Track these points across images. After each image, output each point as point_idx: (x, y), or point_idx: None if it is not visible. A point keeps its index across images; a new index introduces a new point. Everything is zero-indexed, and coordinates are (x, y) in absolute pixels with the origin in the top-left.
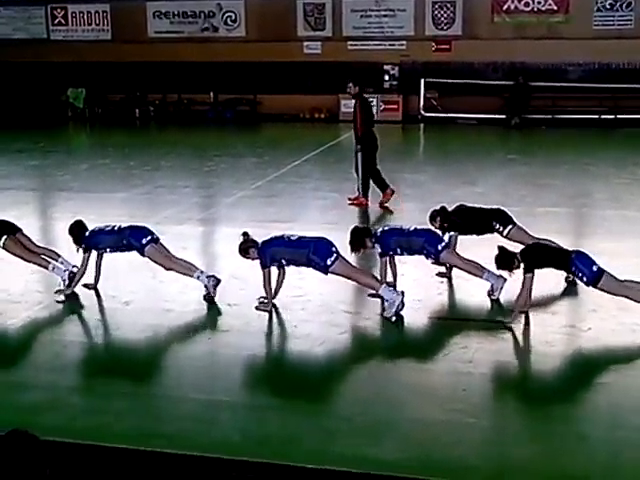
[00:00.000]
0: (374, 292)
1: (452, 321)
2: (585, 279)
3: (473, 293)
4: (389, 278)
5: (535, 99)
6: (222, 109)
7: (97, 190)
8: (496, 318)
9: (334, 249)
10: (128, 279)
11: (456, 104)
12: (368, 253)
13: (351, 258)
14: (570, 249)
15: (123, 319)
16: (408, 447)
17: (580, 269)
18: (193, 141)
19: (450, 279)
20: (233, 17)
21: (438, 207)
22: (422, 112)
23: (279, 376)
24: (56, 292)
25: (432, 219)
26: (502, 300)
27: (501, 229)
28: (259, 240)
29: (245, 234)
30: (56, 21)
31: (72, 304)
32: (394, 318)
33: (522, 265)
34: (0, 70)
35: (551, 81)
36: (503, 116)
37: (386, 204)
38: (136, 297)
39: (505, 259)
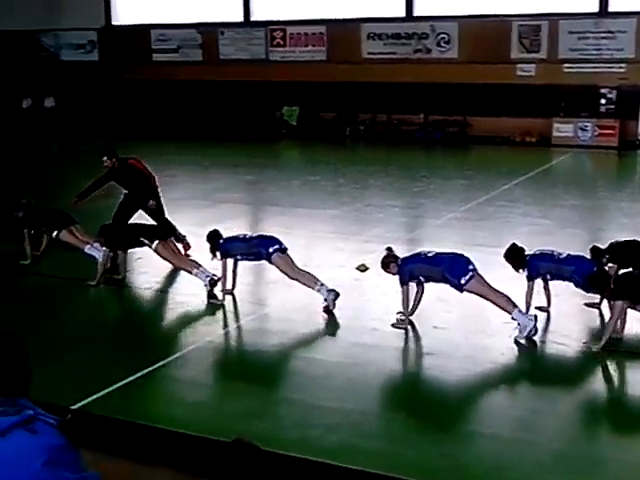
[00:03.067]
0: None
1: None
2: None
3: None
4: (543, 302)
5: None
6: (431, 130)
7: (307, 206)
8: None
9: (471, 267)
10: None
11: None
12: None
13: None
14: None
15: (329, 335)
16: None
17: None
18: (401, 161)
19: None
20: (446, 39)
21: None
22: None
23: (483, 403)
24: (209, 299)
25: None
26: None
27: None
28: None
29: (389, 249)
30: (275, 42)
31: (277, 317)
32: (524, 341)
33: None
34: (222, 88)
35: None
36: None
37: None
38: (344, 314)
39: (598, 280)
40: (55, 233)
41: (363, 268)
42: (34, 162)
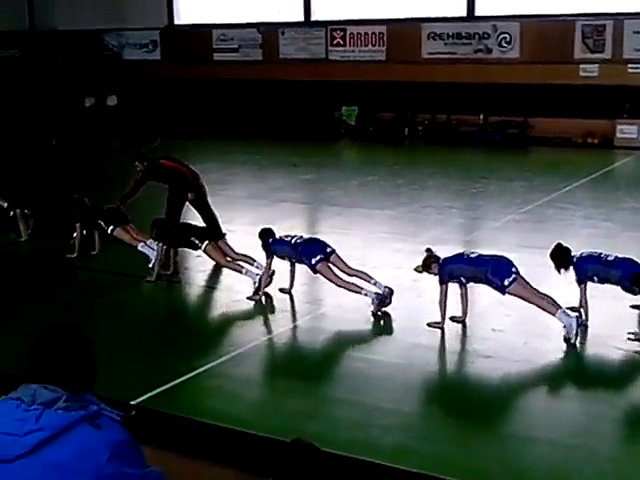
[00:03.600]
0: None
1: None
2: None
3: None
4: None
5: None
6: (491, 131)
7: (365, 206)
8: None
9: (514, 269)
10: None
11: None
12: None
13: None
14: None
15: (387, 336)
16: None
17: None
18: (460, 162)
19: None
20: (508, 39)
21: None
22: None
23: (540, 407)
24: (248, 298)
25: None
26: None
27: None
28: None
29: (428, 250)
30: (335, 42)
31: (333, 317)
32: (576, 341)
33: None
34: (282, 87)
35: None
36: None
37: None
38: (401, 315)
39: None
40: (110, 229)
41: (421, 269)
42: (93, 159)
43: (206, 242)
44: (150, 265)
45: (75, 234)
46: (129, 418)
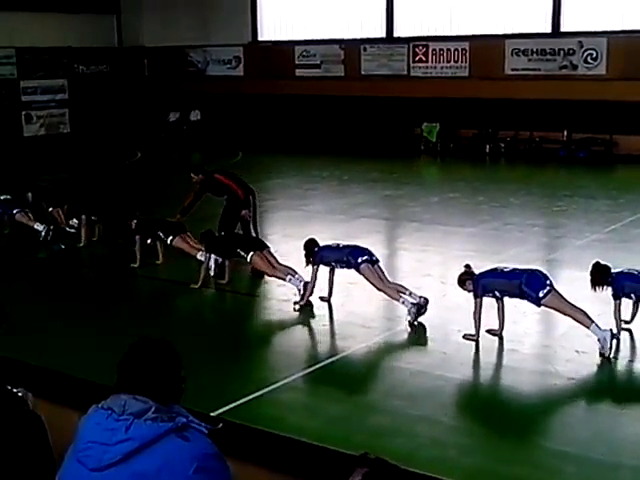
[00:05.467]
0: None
1: None
2: None
3: None
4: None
5: None
6: (575, 148)
7: (446, 223)
8: None
9: (548, 282)
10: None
11: None
12: None
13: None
14: None
15: (470, 355)
16: None
17: None
18: (543, 180)
19: None
20: (594, 55)
21: None
22: None
23: (630, 433)
24: (294, 304)
25: None
26: None
27: None
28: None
29: (467, 266)
30: (417, 58)
31: (418, 335)
32: (611, 355)
33: None
34: (363, 103)
35: None
36: None
37: None
38: (482, 335)
39: None
40: (170, 239)
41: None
42: (174, 172)
43: (251, 253)
44: (211, 273)
45: (136, 245)
46: (215, 431)
